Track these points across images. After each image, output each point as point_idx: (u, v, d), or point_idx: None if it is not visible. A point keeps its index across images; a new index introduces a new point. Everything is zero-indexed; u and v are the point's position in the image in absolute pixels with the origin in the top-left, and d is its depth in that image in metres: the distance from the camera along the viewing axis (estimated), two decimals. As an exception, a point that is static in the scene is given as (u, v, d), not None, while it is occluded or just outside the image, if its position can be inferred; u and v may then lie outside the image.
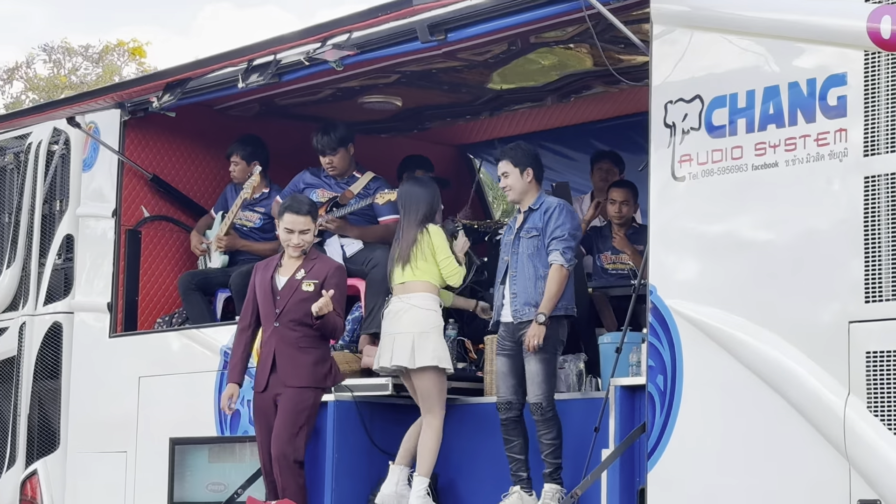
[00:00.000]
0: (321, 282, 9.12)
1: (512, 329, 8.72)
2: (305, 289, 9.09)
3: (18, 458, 11.55)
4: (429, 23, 8.69)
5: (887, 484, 6.66)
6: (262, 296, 9.28)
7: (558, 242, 8.65)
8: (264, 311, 9.28)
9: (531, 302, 8.63)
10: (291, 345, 9.10)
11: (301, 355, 9.10)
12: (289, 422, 9.10)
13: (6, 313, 11.98)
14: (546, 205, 8.84)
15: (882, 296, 6.79)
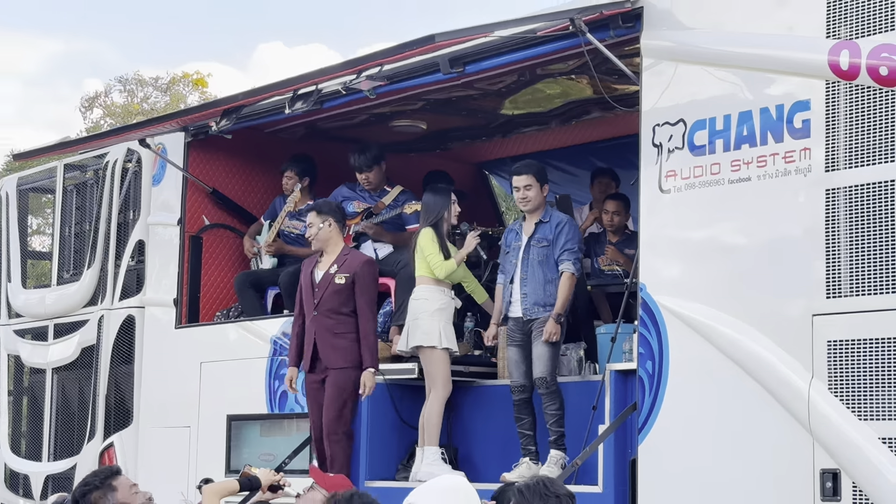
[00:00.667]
0: (352, 275, 9.13)
1: (521, 324, 8.73)
2: (338, 281, 9.15)
3: (98, 432, 11.56)
4: (449, 57, 8.69)
5: (846, 455, 6.66)
6: (305, 289, 9.34)
7: (569, 254, 8.72)
8: (306, 303, 9.33)
9: (540, 302, 8.69)
10: (328, 331, 9.14)
11: (338, 340, 9.13)
12: (335, 400, 9.13)
13: (87, 308, 11.99)
14: (556, 219, 8.87)
15: (841, 292, 6.80)
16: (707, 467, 7.24)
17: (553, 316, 8.62)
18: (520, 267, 8.80)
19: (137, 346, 11.44)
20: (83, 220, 12.43)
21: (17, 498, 12.35)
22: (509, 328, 8.88)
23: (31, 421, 12.72)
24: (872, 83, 6.76)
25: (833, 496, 6.66)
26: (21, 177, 13.70)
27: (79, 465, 11.69)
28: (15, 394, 13.06)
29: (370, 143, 10.76)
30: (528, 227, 8.89)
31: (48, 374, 12.40)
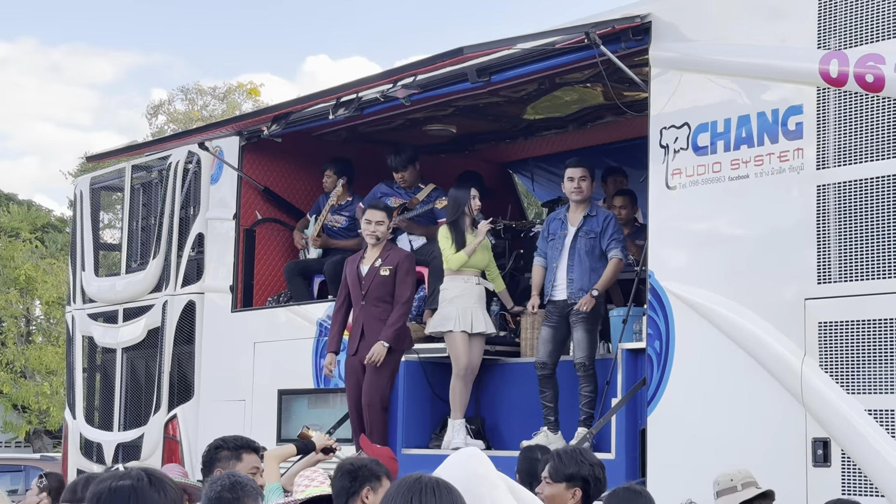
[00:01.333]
0: (394, 267, 9.15)
1: (561, 306, 8.67)
2: (383, 273, 9.14)
3: (163, 405, 11.62)
4: (477, 67, 8.69)
5: (835, 425, 6.67)
6: (351, 282, 9.31)
7: (616, 243, 8.72)
8: (353, 294, 9.30)
9: (585, 288, 8.63)
10: (376, 318, 9.14)
11: (382, 325, 9.14)
12: (377, 376, 9.13)
13: (153, 294, 12.04)
14: (602, 214, 8.89)
15: (831, 278, 6.80)
16: (709, 436, 7.24)
17: (591, 290, 8.58)
18: (566, 254, 8.74)
19: (198, 328, 11.49)
20: (149, 216, 12.50)
21: (91, 463, 12.42)
22: (547, 310, 8.84)
23: (103, 395, 12.79)
24: (859, 89, 6.75)
25: (824, 462, 6.66)
26: (94, 177, 13.78)
27: (146, 435, 11.77)
28: (89, 371, 13.14)
29: (405, 145, 10.78)
30: (574, 218, 8.84)
31: (118, 353, 12.46)
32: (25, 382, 31.89)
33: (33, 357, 32.01)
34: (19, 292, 33.01)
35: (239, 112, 32.90)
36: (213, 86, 38.22)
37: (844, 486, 6.55)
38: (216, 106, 37.13)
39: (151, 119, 38.14)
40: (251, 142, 11.20)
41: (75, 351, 13.29)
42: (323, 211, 11.03)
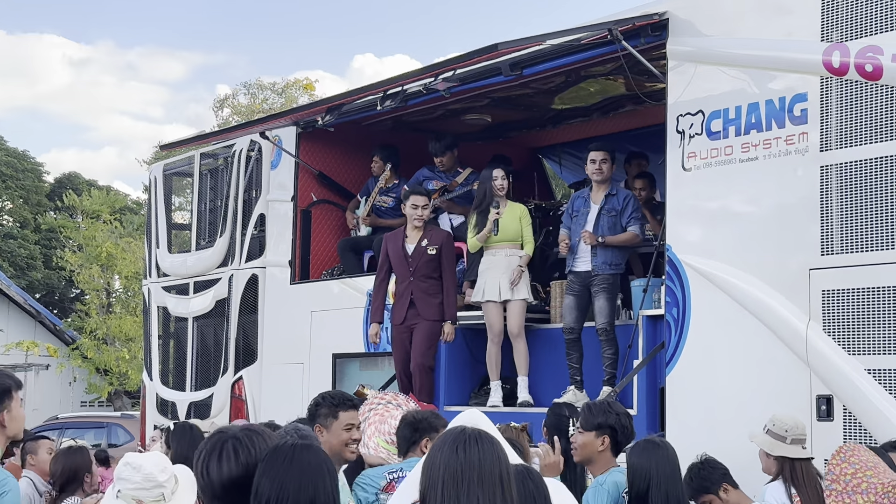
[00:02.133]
0: (440, 246, 9.13)
1: (583, 277, 8.66)
2: (430, 252, 9.14)
3: (229, 368, 11.69)
4: (510, 62, 8.65)
5: (837, 382, 6.63)
6: (396, 259, 9.27)
7: (635, 220, 8.74)
8: (399, 270, 9.27)
9: (608, 261, 8.64)
10: (424, 291, 9.14)
11: (431, 298, 9.14)
12: (425, 341, 9.12)
13: (220, 268, 12.09)
14: (622, 193, 8.89)
15: (833, 250, 6.76)
16: (722, 394, 7.21)
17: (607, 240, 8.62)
18: (591, 230, 8.73)
19: (260, 298, 11.52)
20: (216, 198, 12.53)
21: (167, 420, 12.52)
22: (570, 280, 8.81)
23: (176, 359, 12.88)
24: (859, 78, 6.68)
25: (827, 417, 6.62)
26: (166, 164, 13.84)
27: (215, 395, 11.85)
28: (163, 338, 13.22)
29: (445, 133, 10.77)
30: (596, 196, 8.80)
31: (189, 321, 12.53)
32: (107, 348, 32.17)
33: (114, 326, 32.28)
34: (101, 268, 33.27)
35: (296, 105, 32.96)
36: (272, 81, 38.36)
37: (846, 438, 6.50)
38: (275, 100, 37.24)
39: (218, 112, 38.32)
40: (307, 131, 11.21)
41: (151, 320, 13.39)
42: (372, 193, 11.04)
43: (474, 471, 3.10)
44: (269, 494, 3.38)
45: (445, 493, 3.08)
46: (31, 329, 35.56)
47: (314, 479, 3.45)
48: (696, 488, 5.74)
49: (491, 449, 3.16)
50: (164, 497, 4.02)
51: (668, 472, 5.21)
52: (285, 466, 3.44)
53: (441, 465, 3.13)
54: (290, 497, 3.38)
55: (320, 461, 3.53)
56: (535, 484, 3.73)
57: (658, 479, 5.15)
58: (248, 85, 38.65)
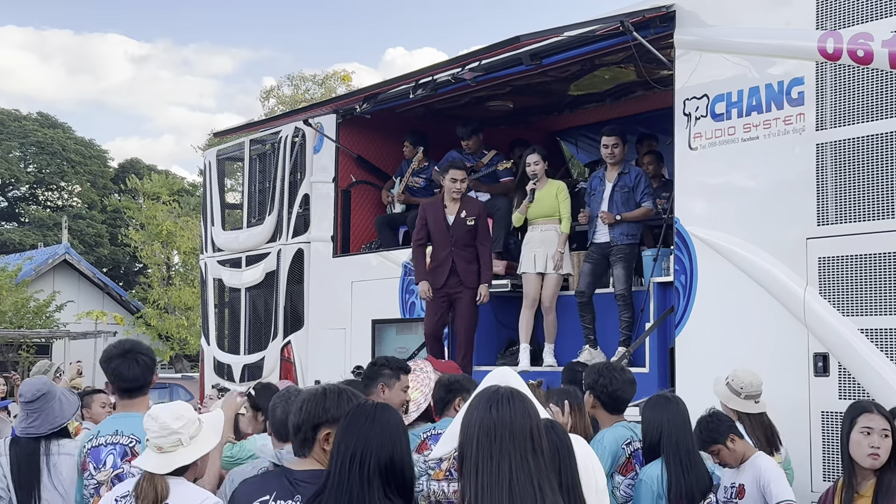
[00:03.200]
0: (476, 216, 9.03)
1: (603, 247, 8.65)
2: (469, 223, 9.02)
3: (279, 333, 11.73)
4: (530, 53, 8.59)
5: (832, 341, 6.59)
6: (437, 228, 9.06)
7: (647, 196, 8.74)
8: (439, 239, 9.06)
9: (624, 232, 8.62)
10: (464, 259, 8.99)
11: (471, 266, 9.00)
12: (470, 312, 9.00)
13: (269, 243, 12.11)
14: (634, 171, 8.86)
15: (828, 220, 6.69)
16: (726, 353, 7.15)
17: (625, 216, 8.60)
18: (606, 206, 8.70)
19: (306, 270, 11.54)
20: (264, 180, 12.55)
21: (223, 381, 12.61)
22: (591, 249, 8.81)
23: (231, 326, 12.94)
24: (852, 63, 6.59)
25: (824, 373, 6.58)
26: (219, 149, 13.86)
27: (266, 357, 11.89)
28: (219, 307, 13.28)
29: (471, 119, 10.71)
30: (610, 175, 8.79)
31: (242, 292, 12.59)
32: (168, 316, 32.39)
33: (174, 296, 32.49)
34: (161, 244, 33.47)
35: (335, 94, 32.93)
36: (313, 74, 38.34)
37: (841, 392, 6.46)
38: (316, 90, 37.20)
39: (264, 102, 38.34)
40: (346, 118, 11.19)
41: (208, 291, 13.45)
42: (405, 174, 11.02)
43: (506, 428, 3.09)
44: (354, 449, 3.41)
45: (480, 448, 3.07)
46: (100, 300, 35.89)
47: (392, 436, 3.47)
48: (706, 439, 5.72)
49: (522, 407, 3.14)
50: (181, 442, 4.08)
51: (678, 424, 5.19)
52: (368, 424, 3.45)
53: (475, 423, 3.12)
54: (374, 453, 3.40)
55: (398, 420, 3.56)
56: (559, 436, 3.72)
57: (669, 431, 5.13)
58: (291, 77, 38.69)
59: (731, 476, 5.74)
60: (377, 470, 3.39)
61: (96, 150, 51.74)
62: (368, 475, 3.37)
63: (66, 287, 34.49)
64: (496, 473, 3.02)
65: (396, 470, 3.44)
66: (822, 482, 6.44)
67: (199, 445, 4.11)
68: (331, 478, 3.42)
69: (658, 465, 5.05)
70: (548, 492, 3.03)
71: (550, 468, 3.12)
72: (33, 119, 50.58)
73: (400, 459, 3.46)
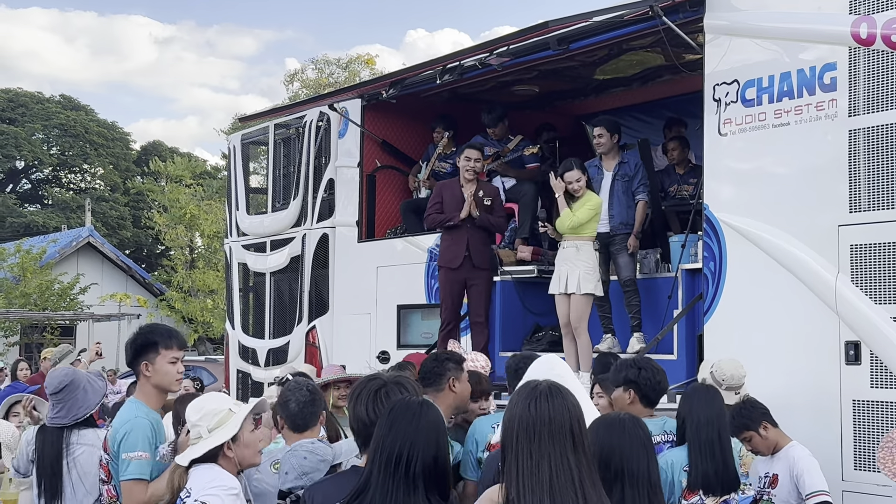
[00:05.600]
0: (493, 197, 9.03)
1: (603, 237, 8.58)
2: (486, 203, 9.04)
3: (304, 318, 11.72)
4: (557, 38, 8.54)
5: (864, 329, 6.53)
6: (454, 206, 9.06)
7: (643, 188, 8.76)
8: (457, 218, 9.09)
9: (624, 221, 8.66)
10: (479, 240, 9.03)
11: (484, 247, 9.05)
12: (485, 295, 9.01)
13: (294, 228, 12.08)
14: (633, 161, 8.88)
15: (861, 207, 6.63)
16: (757, 341, 7.12)
17: (634, 233, 8.60)
18: (606, 195, 8.67)
19: (331, 255, 11.52)
20: (289, 165, 12.51)
21: (248, 365, 12.63)
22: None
23: (255, 310, 12.94)
24: (885, 48, 6.52)
25: (855, 361, 6.53)
26: (244, 133, 13.84)
27: (291, 342, 11.89)
28: (244, 291, 13.28)
29: (496, 105, 10.66)
30: (608, 164, 8.81)
31: (267, 276, 12.56)
32: (192, 300, 32.50)
33: (198, 279, 32.58)
34: (185, 227, 33.55)
35: (359, 79, 32.90)
36: (337, 57, 38.31)
37: (873, 380, 6.42)
38: (339, 74, 37.15)
39: (288, 85, 38.33)
40: (371, 103, 11.15)
41: (233, 275, 13.45)
42: (432, 159, 10.98)
43: (545, 425, 3.05)
44: (400, 450, 3.36)
45: (520, 445, 3.05)
46: (123, 282, 36.03)
47: (437, 436, 3.43)
48: (738, 426, 5.69)
49: (562, 403, 3.10)
50: (200, 435, 4.13)
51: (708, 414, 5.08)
52: (414, 423, 3.41)
53: (515, 419, 3.09)
54: (419, 454, 3.36)
55: (440, 419, 3.52)
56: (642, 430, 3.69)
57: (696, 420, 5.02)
58: (315, 61, 38.63)
59: (765, 465, 5.72)
60: (422, 471, 3.34)
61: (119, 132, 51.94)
62: (413, 476, 3.32)
63: (89, 269, 34.65)
64: (536, 473, 2.99)
65: (439, 470, 3.39)
66: (854, 471, 6.41)
67: (215, 437, 4.12)
68: (374, 477, 3.36)
69: (676, 453, 5.00)
70: (590, 489, 3.00)
71: (593, 464, 3.09)
72: (56, 101, 50.82)
73: (443, 459, 3.42)
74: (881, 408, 6.37)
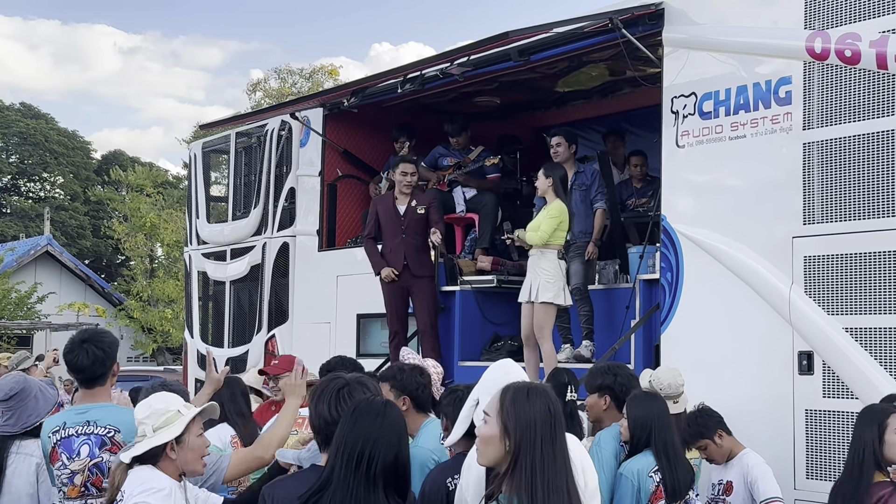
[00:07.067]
0: (426, 206, 9.12)
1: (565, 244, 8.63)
2: (420, 212, 9.17)
3: (263, 326, 11.68)
4: (518, 49, 8.57)
5: (817, 339, 6.60)
6: (388, 219, 9.23)
7: (601, 196, 8.88)
8: (390, 229, 9.22)
9: (583, 230, 8.71)
10: (415, 248, 9.12)
11: (422, 255, 9.12)
12: (429, 302, 9.08)
13: (254, 237, 12.06)
14: (589, 170, 9.02)
15: (814, 219, 6.71)
16: (712, 350, 7.19)
17: (593, 240, 8.63)
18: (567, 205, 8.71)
19: (291, 264, 11.49)
20: (250, 174, 12.48)
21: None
22: None
23: (215, 319, 12.88)
24: (839, 62, 6.61)
25: (808, 371, 6.60)
26: (205, 142, 13.78)
27: (250, 351, 11.84)
28: (203, 299, 13.22)
29: (458, 116, 10.71)
30: (568, 177, 8.83)
31: (227, 285, 12.52)
32: (151, 309, 32.25)
33: (157, 288, 32.35)
34: (145, 236, 33.32)
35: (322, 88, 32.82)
36: (300, 67, 38.27)
37: (825, 390, 6.49)
38: (303, 84, 37.09)
39: (251, 95, 38.22)
40: (333, 112, 11.15)
41: (192, 283, 13.39)
42: (392, 168, 10.97)
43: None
44: (362, 448, 3.38)
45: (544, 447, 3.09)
46: (82, 292, 35.71)
47: (398, 435, 3.46)
48: (694, 433, 5.74)
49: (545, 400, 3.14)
50: (145, 433, 4.12)
51: (665, 421, 5.18)
52: (378, 422, 3.43)
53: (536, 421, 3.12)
54: (381, 453, 3.38)
55: (402, 419, 3.55)
56: None
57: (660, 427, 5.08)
58: (278, 70, 38.57)
59: (718, 473, 5.77)
60: (382, 470, 3.36)
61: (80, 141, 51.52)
62: (374, 475, 3.34)
63: (47, 279, 34.29)
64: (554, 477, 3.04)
65: (399, 470, 3.41)
66: (806, 479, 6.48)
67: (158, 437, 4.09)
68: (335, 474, 3.38)
69: (639, 460, 5.04)
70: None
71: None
72: (16, 109, 50.29)
73: (403, 459, 3.44)
74: (833, 417, 6.44)
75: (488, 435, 3.16)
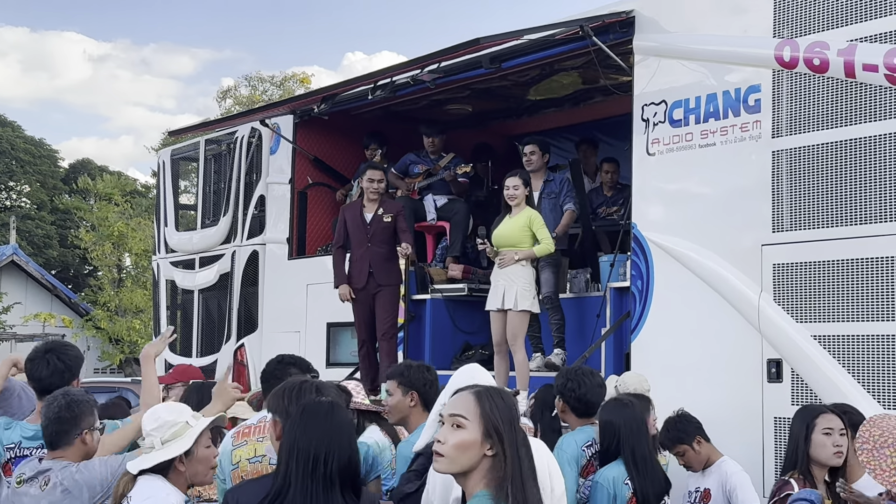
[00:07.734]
0: (394, 215, 9.10)
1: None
2: (386, 220, 9.10)
3: (232, 336, 11.65)
4: (490, 56, 8.64)
5: (786, 347, 6.67)
6: (354, 227, 9.16)
7: (570, 199, 9.02)
8: (357, 237, 9.14)
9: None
10: (381, 257, 9.05)
11: (388, 263, 9.07)
12: (389, 310, 9.04)
13: (223, 245, 12.05)
14: (559, 178, 9.14)
15: (783, 228, 6.78)
16: (682, 358, 7.24)
17: (556, 233, 8.62)
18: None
19: (260, 272, 11.49)
20: (219, 181, 12.46)
21: (174, 384, 12.46)
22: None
23: (183, 328, 12.81)
24: (807, 71, 6.69)
25: (777, 378, 6.66)
26: (174, 149, 13.76)
27: (219, 360, 11.80)
28: (171, 308, 13.16)
29: (436, 120, 10.75)
30: (535, 184, 8.88)
31: (195, 293, 12.50)
32: (119, 319, 32.05)
33: (125, 298, 32.16)
34: (113, 246, 33.13)
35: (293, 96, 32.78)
36: (271, 75, 38.23)
37: (794, 398, 6.55)
38: (274, 92, 37.07)
39: (221, 102, 38.14)
40: (303, 119, 11.16)
41: (160, 292, 13.33)
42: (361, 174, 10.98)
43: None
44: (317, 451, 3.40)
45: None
46: (48, 302, 35.42)
47: (349, 436, 3.51)
48: (672, 439, 5.76)
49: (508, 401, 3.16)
50: (153, 445, 4.10)
51: (634, 428, 5.20)
52: (327, 424, 3.46)
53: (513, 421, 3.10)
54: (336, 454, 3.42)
55: (350, 419, 3.60)
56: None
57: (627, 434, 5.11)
58: (249, 78, 38.52)
59: (696, 480, 5.79)
60: (338, 471, 3.40)
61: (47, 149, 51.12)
62: (331, 476, 3.39)
63: (13, 289, 34.00)
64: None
65: (352, 470, 3.46)
66: (774, 487, 6.52)
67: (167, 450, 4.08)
68: (293, 477, 3.40)
69: (614, 468, 5.07)
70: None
71: None
72: (-19, 117, 49.88)
73: (355, 459, 3.50)
74: (802, 425, 6.49)
75: (468, 440, 3.00)
